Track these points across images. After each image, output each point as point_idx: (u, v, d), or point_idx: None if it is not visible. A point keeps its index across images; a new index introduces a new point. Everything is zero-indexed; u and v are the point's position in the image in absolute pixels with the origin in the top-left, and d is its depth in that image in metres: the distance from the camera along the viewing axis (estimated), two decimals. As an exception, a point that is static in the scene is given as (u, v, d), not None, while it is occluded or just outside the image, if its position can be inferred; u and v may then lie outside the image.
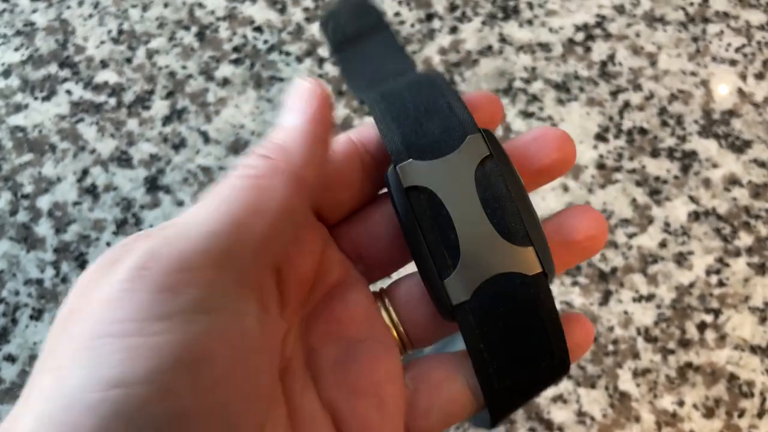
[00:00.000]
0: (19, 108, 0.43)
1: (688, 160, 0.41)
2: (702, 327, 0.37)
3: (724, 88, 0.43)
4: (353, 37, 0.23)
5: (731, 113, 0.42)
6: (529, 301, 0.18)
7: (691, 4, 0.46)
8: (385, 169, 0.20)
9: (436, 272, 0.18)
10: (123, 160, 0.41)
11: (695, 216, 0.39)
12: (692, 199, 0.40)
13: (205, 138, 0.42)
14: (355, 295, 0.21)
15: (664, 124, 0.42)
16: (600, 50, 0.44)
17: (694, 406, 0.35)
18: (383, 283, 0.22)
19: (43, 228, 0.40)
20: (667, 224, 0.39)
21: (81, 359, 0.14)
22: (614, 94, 0.43)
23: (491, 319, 0.18)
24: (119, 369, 0.13)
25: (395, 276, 0.22)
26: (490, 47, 0.44)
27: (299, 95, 0.18)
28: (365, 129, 0.21)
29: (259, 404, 0.16)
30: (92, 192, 0.41)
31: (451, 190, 0.19)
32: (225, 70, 0.44)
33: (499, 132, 0.42)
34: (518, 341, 0.18)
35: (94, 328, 0.14)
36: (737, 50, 0.44)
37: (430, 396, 0.20)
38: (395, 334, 0.21)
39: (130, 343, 0.14)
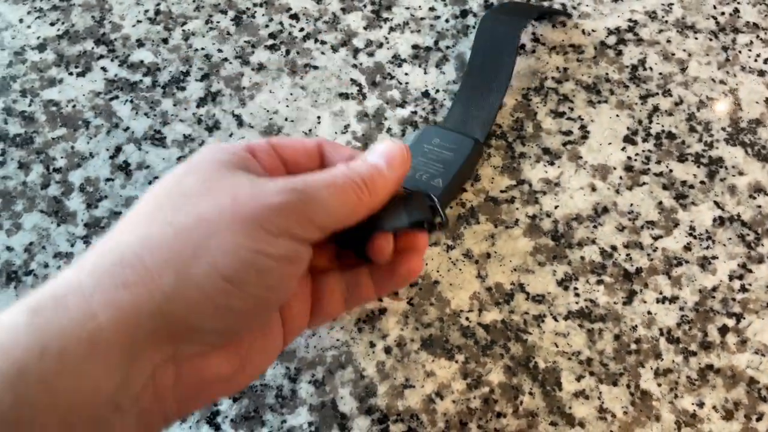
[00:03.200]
0: (53, 82, 0.44)
1: (714, 166, 0.42)
2: (724, 331, 0.37)
3: (752, 98, 0.44)
4: None
5: (758, 122, 0.43)
6: None
7: (722, 13, 0.46)
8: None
9: None
10: (156, 139, 0.42)
11: (720, 221, 0.40)
12: (717, 204, 0.41)
13: (239, 121, 0.42)
14: None
15: (692, 129, 0.43)
16: (631, 54, 0.45)
17: (714, 407, 0.36)
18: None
19: (75, 202, 0.40)
20: (692, 228, 0.40)
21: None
22: (644, 98, 0.43)
23: None
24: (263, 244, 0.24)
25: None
26: (523, 46, 0.45)
27: (395, 150, 0.29)
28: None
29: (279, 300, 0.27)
30: (124, 169, 0.41)
31: None
32: (260, 55, 0.44)
33: (530, 129, 0.42)
34: None
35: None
36: (766, 61, 0.45)
37: None
38: None
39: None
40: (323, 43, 0.45)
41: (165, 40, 0.45)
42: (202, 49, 0.44)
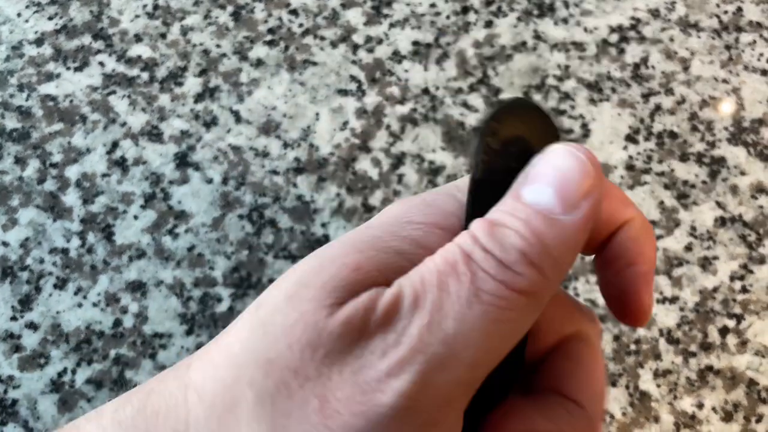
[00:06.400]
0: (50, 77, 0.43)
1: (716, 166, 0.41)
2: (724, 332, 0.37)
3: (754, 97, 0.43)
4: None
5: (761, 122, 0.42)
6: None
7: (725, 12, 0.46)
8: None
9: None
10: (153, 134, 0.41)
11: (721, 222, 0.40)
12: (719, 204, 0.40)
13: (237, 117, 0.42)
14: None
15: (694, 129, 0.42)
16: (633, 52, 0.44)
17: (713, 409, 0.35)
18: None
19: (71, 198, 0.40)
20: (693, 228, 0.40)
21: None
22: (646, 96, 0.43)
23: None
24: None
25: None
26: (524, 43, 0.44)
27: (573, 169, 0.14)
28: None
29: None
30: (121, 165, 0.41)
31: None
32: (259, 51, 0.44)
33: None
34: None
35: None
36: (769, 60, 0.44)
37: None
38: None
39: None
40: (322, 38, 0.44)
41: (163, 35, 0.44)
42: (201, 44, 0.44)
